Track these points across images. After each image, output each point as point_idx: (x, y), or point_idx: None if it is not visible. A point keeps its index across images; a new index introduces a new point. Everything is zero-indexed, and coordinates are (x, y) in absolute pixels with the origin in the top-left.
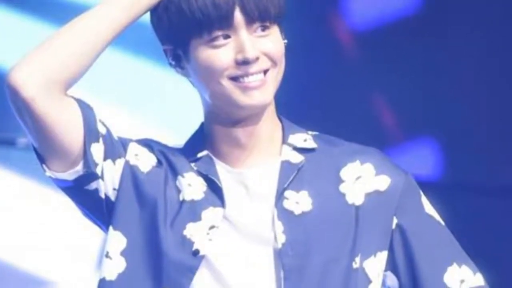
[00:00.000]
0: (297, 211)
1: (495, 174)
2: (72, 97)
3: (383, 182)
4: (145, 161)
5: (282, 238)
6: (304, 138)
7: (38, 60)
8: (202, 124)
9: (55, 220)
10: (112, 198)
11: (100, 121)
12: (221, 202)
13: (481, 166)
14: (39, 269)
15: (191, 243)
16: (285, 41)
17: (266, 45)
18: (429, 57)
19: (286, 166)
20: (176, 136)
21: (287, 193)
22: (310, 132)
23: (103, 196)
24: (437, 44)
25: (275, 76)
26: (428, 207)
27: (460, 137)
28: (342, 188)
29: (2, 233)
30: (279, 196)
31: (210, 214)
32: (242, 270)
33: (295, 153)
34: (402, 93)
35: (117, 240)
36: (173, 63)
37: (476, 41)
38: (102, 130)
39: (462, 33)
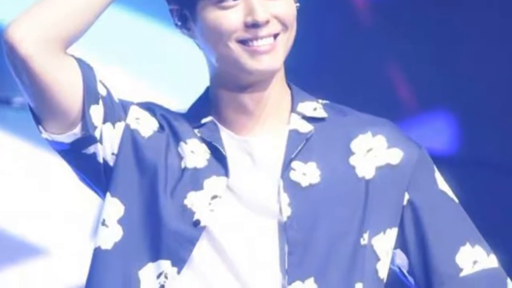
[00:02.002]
0: (304, 183)
1: None
2: (72, 56)
3: (395, 156)
4: (146, 125)
5: (287, 211)
6: (314, 107)
7: (38, 16)
8: (208, 89)
9: (50, 185)
10: (111, 163)
11: (100, 82)
12: (225, 171)
13: (498, 143)
14: (31, 235)
15: (191, 213)
16: (297, 4)
17: (277, 8)
18: (448, 26)
19: (294, 135)
20: (180, 101)
21: (294, 164)
22: (320, 101)
23: (101, 160)
24: (458, 14)
25: (286, 41)
26: (442, 183)
27: (477, 111)
28: (352, 160)
29: None
30: (286, 167)
31: (213, 183)
32: (245, 243)
33: (304, 122)
34: (418, 63)
35: (114, 208)
36: (179, 24)
37: (500, 12)
38: (102, 91)
39: (484, 3)
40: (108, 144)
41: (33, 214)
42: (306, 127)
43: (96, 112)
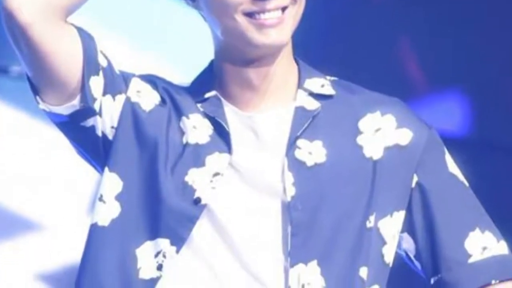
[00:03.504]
0: (309, 162)
1: None
2: (72, 25)
3: (404, 136)
4: (147, 98)
5: (291, 191)
6: (321, 84)
7: None
8: (212, 62)
9: (47, 157)
10: (110, 136)
11: (101, 52)
12: (228, 147)
13: (510, 125)
14: (26, 209)
15: (192, 191)
16: None
17: None
18: (462, 4)
19: (300, 112)
20: (183, 74)
21: (300, 142)
22: (328, 78)
23: (100, 134)
24: None
25: (294, 14)
26: (452, 166)
27: (490, 92)
28: (360, 140)
29: None
30: (291, 145)
31: (215, 160)
32: (246, 223)
33: (311, 99)
34: (430, 41)
35: (112, 183)
36: None
37: None
38: (103, 62)
39: None
40: (107, 117)
41: (29, 187)
42: (313, 104)
43: (96, 84)
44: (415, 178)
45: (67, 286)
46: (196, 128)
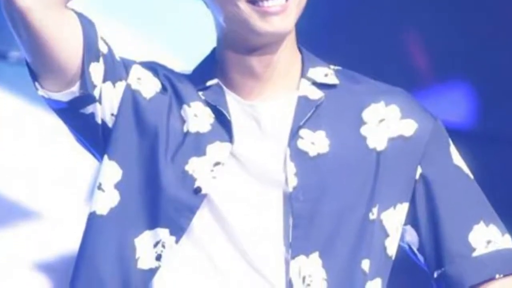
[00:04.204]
0: (312, 153)
1: None
2: (73, 10)
3: (409, 127)
4: (148, 86)
5: (293, 181)
6: (325, 73)
7: None
8: (214, 50)
9: (46, 144)
10: (110, 124)
11: (101, 39)
12: (229, 136)
13: None
14: (24, 197)
15: (192, 180)
16: None
17: None
18: None
19: (303, 102)
20: (185, 61)
21: (303, 132)
22: (332, 67)
23: (99, 121)
24: None
25: (298, 2)
26: (457, 158)
27: (497, 84)
28: (364, 130)
29: None
30: (294, 135)
31: (216, 149)
32: (247, 213)
33: (314, 88)
34: (437, 30)
35: (111, 171)
36: None
37: None
38: (103, 48)
39: None
40: (107, 104)
41: (27, 174)
42: (316, 94)
43: (96, 70)
44: (419, 170)
45: (64, 276)
46: (197, 116)
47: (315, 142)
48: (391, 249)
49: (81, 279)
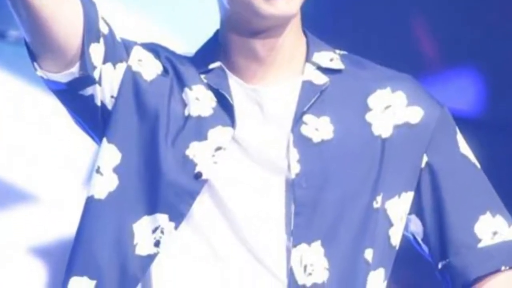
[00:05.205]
0: (315, 139)
1: None
2: None
3: (415, 114)
4: (149, 68)
5: (296, 168)
6: (330, 57)
7: None
8: (217, 32)
9: (44, 126)
10: (109, 106)
11: (102, 19)
12: (231, 121)
13: None
14: (21, 180)
15: (193, 165)
16: None
17: None
18: None
19: (307, 86)
20: (187, 44)
21: (306, 118)
22: (337, 51)
23: (99, 103)
24: None
25: None
26: (464, 147)
27: (506, 71)
28: (369, 117)
29: None
30: (297, 120)
31: (218, 134)
32: (249, 199)
33: (319, 73)
34: (445, 15)
35: (110, 155)
36: None
37: None
38: (104, 29)
39: None
40: (107, 86)
41: (24, 156)
42: (321, 79)
43: (96, 51)
44: (425, 158)
45: (61, 260)
46: (199, 100)
47: (319, 128)
48: (395, 238)
49: (77, 263)
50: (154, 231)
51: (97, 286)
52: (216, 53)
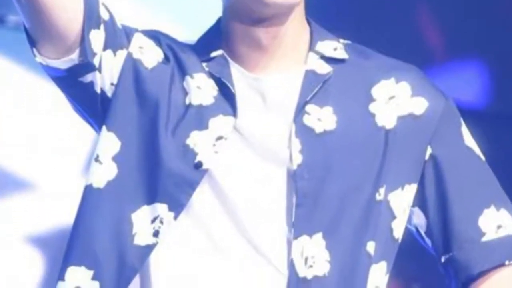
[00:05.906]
0: (318, 129)
1: None
2: None
3: (419, 105)
4: (150, 55)
5: (298, 159)
6: (334, 47)
7: None
8: (220, 20)
9: (42, 113)
10: (109, 94)
11: (103, 5)
12: (233, 110)
13: None
14: (18, 167)
15: (193, 154)
16: None
17: None
18: None
19: (310, 76)
20: (189, 31)
21: (309, 108)
22: (341, 41)
23: (98, 90)
24: None
25: None
26: (468, 139)
27: (511, 62)
28: (372, 107)
29: None
30: (300, 110)
31: (219, 123)
32: (249, 190)
33: (323, 62)
34: (450, 5)
35: (110, 143)
36: None
37: None
38: (104, 15)
39: None
40: (107, 73)
41: (23, 143)
42: (324, 68)
43: (97, 38)
44: (429, 150)
45: (58, 249)
46: (200, 88)
47: (322, 118)
48: (398, 231)
49: (75, 253)
50: (153, 221)
51: (94, 276)
52: (218, 41)
